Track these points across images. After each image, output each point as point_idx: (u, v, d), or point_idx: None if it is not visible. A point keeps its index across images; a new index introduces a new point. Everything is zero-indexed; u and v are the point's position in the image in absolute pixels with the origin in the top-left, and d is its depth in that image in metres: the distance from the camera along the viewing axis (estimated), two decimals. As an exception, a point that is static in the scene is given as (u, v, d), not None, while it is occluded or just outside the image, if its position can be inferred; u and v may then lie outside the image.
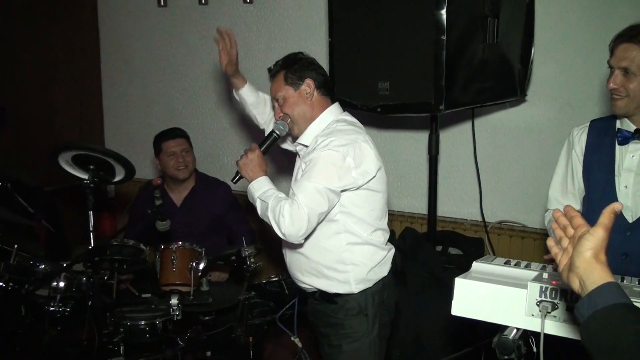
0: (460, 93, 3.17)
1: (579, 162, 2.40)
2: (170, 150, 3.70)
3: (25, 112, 5.09)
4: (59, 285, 2.95)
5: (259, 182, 2.54)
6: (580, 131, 2.42)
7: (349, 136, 2.48)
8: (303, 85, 2.60)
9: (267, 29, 4.70)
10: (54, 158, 2.98)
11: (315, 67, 2.64)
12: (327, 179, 2.39)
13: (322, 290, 2.59)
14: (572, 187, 2.44)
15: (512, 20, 3.37)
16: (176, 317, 2.96)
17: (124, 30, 5.43)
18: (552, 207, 2.51)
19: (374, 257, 2.58)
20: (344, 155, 2.41)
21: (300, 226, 2.36)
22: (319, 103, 2.62)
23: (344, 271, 2.54)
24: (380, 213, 2.61)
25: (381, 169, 2.58)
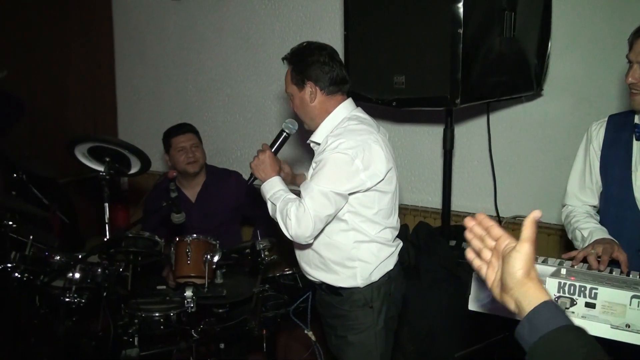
0: (477, 87, 3.15)
1: (597, 157, 2.38)
2: (180, 146, 3.70)
3: (39, 105, 5.12)
4: (75, 276, 2.94)
5: (270, 182, 2.55)
6: (598, 126, 2.40)
7: (359, 137, 2.44)
8: (306, 87, 2.55)
9: (282, 22, 4.69)
10: (71, 150, 2.99)
11: (321, 64, 2.52)
12: (334, 182, 2.38)
13: (327, 283, 2.62)
14: (590, 182, 2.42)
15: (529, 14, 3.35)
16: (190, 309, 2.96)
17: (138, 24, 5.44)
18: (570, 202, 2.50)
19: (380, 254, 2.59)
20: (352, 158, 2.38)
21: (307, 228, 2.36)
22: (325, 103, 2.56)
23: (352, 267, 2.56)
24: (389, 212, 2.61)
25: (391, 169, 2.55)
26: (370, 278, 2.57)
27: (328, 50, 2.58)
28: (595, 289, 1.65)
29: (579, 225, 2.36)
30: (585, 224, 2.34)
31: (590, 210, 2.44)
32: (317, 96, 2.55)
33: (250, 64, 4.90)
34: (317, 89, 2.54)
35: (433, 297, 3.41)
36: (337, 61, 2.58)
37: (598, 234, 2.24)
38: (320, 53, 2.54)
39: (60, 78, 5.29)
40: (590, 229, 2.29)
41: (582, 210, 2.44)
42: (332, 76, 2.54)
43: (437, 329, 3.39)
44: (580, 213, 2.43)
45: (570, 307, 1.67)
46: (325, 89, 2.54)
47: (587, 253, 2.04)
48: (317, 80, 2.53)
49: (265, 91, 4.85)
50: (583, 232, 2.31)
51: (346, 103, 2.61)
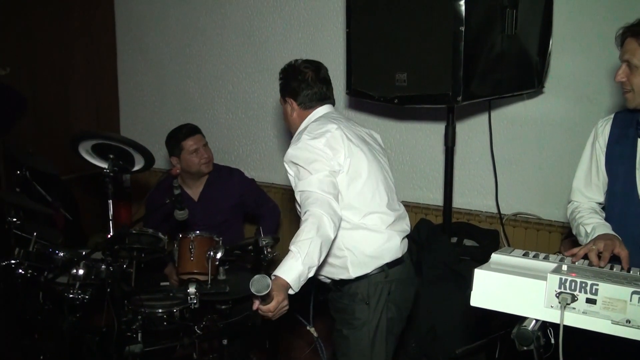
0: (478, 84, 3.16)
1: (602, 153, 2.38)
2: (193, 148, 3.71)
3: (42, 102, 5.14)
4: (79, 272, 2.97)
5: (287, 276, 2.21)
6: (604, 122, 2.40)
7: (322, 127, 2.56)
8: (287, 103, 2.74)
9: (283, 18, 4.70)
10: (75, 146, 3.01)
11: (300, 82, 2.68)
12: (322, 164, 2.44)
13: (330, 277, 2.65)
14: (597, 178, 2.42)
15: (531, 11, 3.36)
16: (194, 305, 2.98)
17: (140, 20, 5.45)
18: (576, 198, 2.50)
19: (368, 242, 2.57)
20: (316, 144, 2.48)
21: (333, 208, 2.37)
22: (303, 115, 2.72)
23: (342, 256, 2.57)
24: (371, 196, 2.59)
25: (356, 149, 2.57)
26: (364, 269, 2.57)
27: (313, 68, 2.72)
28: (596, 285, 1.66)
29: (583, 221, 2.36)
30: (589, 220, 2.34)
31: (595, 207, 2.45)
32: (295, 110, 2.73)
33: (252, 61, 4.91)
34: (295, 104, 2.71)
35: (435, 293, 3.42)
36: (321, 79, 2.71)
37: (601, 229, 2.24)
38: (303, 72, 2.70)
39: (63, 75, 5.31)
40: (594, 224, 2.30)
41: (587, 206, 2.45)
42: (309, 93, 2.69)
43: (438, 325, 3.41)
44: (585, 209, 2.43)
45: (571, 303, 1.68)
46: (302, 104, 2.71)
47: (588, 249, 2.05)
48: (295, 96, 2.71)
49: (268, 88, 4.86)
50: (587, 227, 2.32)
51: (321, 108, 2.73)
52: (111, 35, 5.60)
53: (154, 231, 3.12)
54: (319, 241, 2.25)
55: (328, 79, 2.75)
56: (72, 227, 4.64)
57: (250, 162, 5.00)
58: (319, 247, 2.25)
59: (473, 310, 1.84)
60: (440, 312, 3.41)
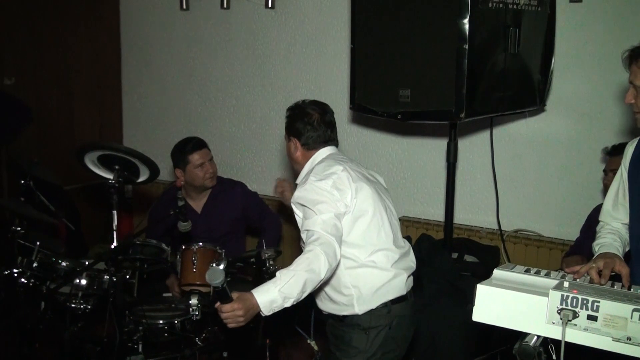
0: (481, 102, 3.19)
1: (627, 173, 2.39)
2: (199, 162, 3.69)
3: (47, 112, 5.16)
4: (81, 282, 2.98)
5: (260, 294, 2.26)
6: (632, 144, 2.39)
7: (329, 169, 2.58)
8: (291, 142, 2.76)
9: (288, 34, 4.73)
10: (81, 157, 3.03)
11: (305, 124, 2.70)
12: (329, 205, 2.46)
13: (334, 314, 2.66)
14: (623, 199, 2.41)
15: (533, 30, 3.39)
16: (195, 317, 2.99)
17: (145, 33, 5.49)
18: (604, 219, 2.47)
19: (375, 279, 2.58)
20: (325, 185, 2.50)
21: (334, 249, 2.38)
22: (306, 155, 2.75)
23: (348, 294, 2.58)
24: (377, 233, 2.60)
25: (362, 189, 2.58)
26: (369, 305, 2.58)
27: (319, 110, 2.74)
28: (597, 302, 1.67)
29: (597, 241, 2.38)
30: (601, 240, 2.36)
31: (619, 228, 2.42)
32: (299, 150, 2.75)
33: (256, 75, 4.95)
34: (298, 143, 2.74)
35: (435, 308, 3.43)
36: (326, 122, 2.73)
37: (604, 249, 2.26)
38: (309, 114, 2.72)
39: (67, 86, 5.33)
40: (602, 244, 2.31)
41: (610, 227, 2.43)
42: (313, 136, 2.72)
43: (438, 340, 3.41)
44: (606, 230, 2.43)
45: (572, 319, 1.69)
46: (305, 145, 2.73)
47: (589, 268, 2.07)
48: (299, 136, 2.72)
49: (271, 102, 4.88)
50: (596, 247, 2.33)
51: (325, 149, 2.75)
52: (116, 47, 5.63)
53: (157, 242, 3.14)
54: (305, 277, 2.28)
55: (333, 122, 2.78)
56: (73, 237, 4.64)
57: (252, 175, 5.02)
58: (302, 282, 2.27)
59: (473, 325, 1.85)
60: (441, 328, 3.41)
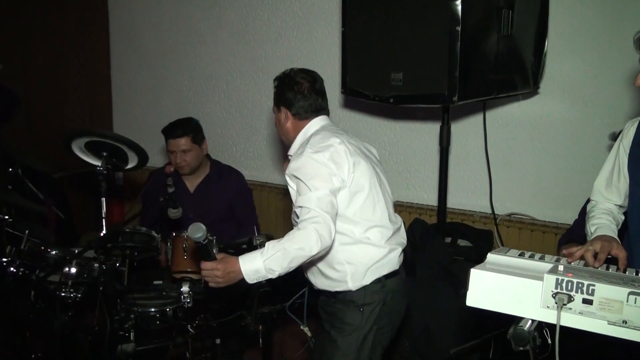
0: (474, 85, 3.16)
1: (626, 155, 2.34)
2: (171, 149, 3.72)
3: (35, 99, 5.11)
4: (71, 271, 2.96)
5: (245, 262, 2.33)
6: (631, 124, 2.35)
7: (326, 141, 2.53)
8: (281, 112, 2.70)
9: (279, 18, 4.69)
10: (68, 144, 2.99)
11: (296, 93, 2.64)
12: (324, 182, 2.42)
13: (327, 290, 2.65)
14: (617, 180, 2.38)
15: (527, 12, 3.36)
16: (187, 304, 2.97)
17: (134, 18, 5.44)
18: (595, 198, 2.45)
19: (369, 256, 2.58)
20: (322, 159, 2.46)
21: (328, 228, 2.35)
22: (297, 125, 2.69)
23: (341, 270, 2.57)
24: (372, 209, 2.59)
25: (359, 164, 2.55)
26: (362, 282, 2.57)
27: (309, 79, 2.68)
28: (592, 286, 1.65)
29: (591, 221, 2.34)
30: (597, 220, 2.32)
31: (612, 208, 2.40)
32: (289, 120, 2.69)
33: (246, 59, 4.90)
34: (289, 113, 2.68)
35: (429, 293, 3.42)
36: (316, 91, 2.68)
37: (602, 230, 2.23)
38: (299, 82, 2.66)
39: (56, 72, 5.28)
40: (598, 225, 2.28)
41: (602, 207, 2.40)
42: (304, 105, 2.66)
43: (432, 325, 3.41)
44: (599, 209, 2.40)
45: (567, 303, 1.67)
46: (296, 115, 2.67)
47: (585, 250, 2.05)
48: (289, 106, 2.67)
49: (262, 87, 4.85)
50: (591, 227, 2.29)
51: (317, 119, 2.70)
52: (105, 33, 5.58)
53: (147, 230, 3.11)
54: (292, 255, 2.30)
55: (323, 90, 2.73)
56: (63, 225, 4.61)
57: (244, 160, 4.99)
58: (289, 259, 2.30)
59: (467, 310, 1.84)
60: (434, 312, 3.41)
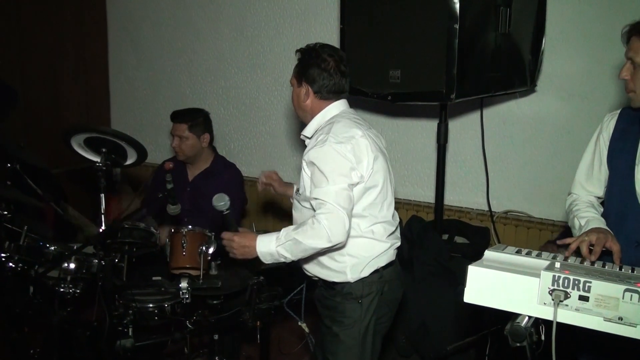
0: (472, 82, 3.18)
1: (606, 147, 2.38)
2: (171, 132, 3.85)
3: (32, 95, 5.10)
4: (70, 266, 2.96)
5: (260, 243, 2.47)
6: (610, 117, 2.40)
7: (348, 131, 2.50)
8: (303, 87, 2.62)
9: (277, 14, 4.69)
10: (67, 140, 2.99)
11: (322, 70, 2.57)
12: (343, 176, 2.41)
13: (322, 278, 2.64)
14: (598, 172, 2.42)
15: (524, 10, 3.38)
16: (185, 300, 2.97)
17: (132, 14, 5.43)
18: (576, 190, 2.49)
19: (371, 250, 2.58)
20: (343, 151, 2.43)
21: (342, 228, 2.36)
22: (317, 104, 2.62)
23: (341, 261, 2.56)
24: (379, 205, 2.59)
25: (378, 162, 2.55)
26: (361, 274, 2.57)
27: (336, 57, 2.61)
28: (588, 282, 1.67)
29: (578, 214, 2.37)
30: (585, 213, 2.35)
31: (593, 201, 2.45)
32: (310, 97, 2.61)
33: (244, 55, 4.91)
34: (311, 91, 2.61)
35: (426, 290, 3.44)
36: (341, 71, 2.60)
37: (594, 223, 2.25)
38: (326, 60, 2.58)
39: (54, 68, 5.27)
40: (588, 217, 2.31)
41: (584, 200, 2.45)
42: (328, 84, 2.59)
43: (429, 321, 3.42)
44: (583, 202, 2.44)
45: (564, 300, 1.69)
46: (318, 93, 2.60)
47: (580, 241, 2.07)
48: (312, 83, 2.59)
49: (260, 83, 4.86)
50: (581, 220, 2.32)
51: (338, 103, 2.64)
52: (103, 29, 5.57)
53: (145, 226, 3.11)
54: (301, 247, 2.39)
55: (348, 71, 2.65)
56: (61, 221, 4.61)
57: (241, 157, 4.99)
58: (298, 250, 2.41)
59: (464, 306, 1.85)
60: (431, 309, 3.43)
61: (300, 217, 2.62)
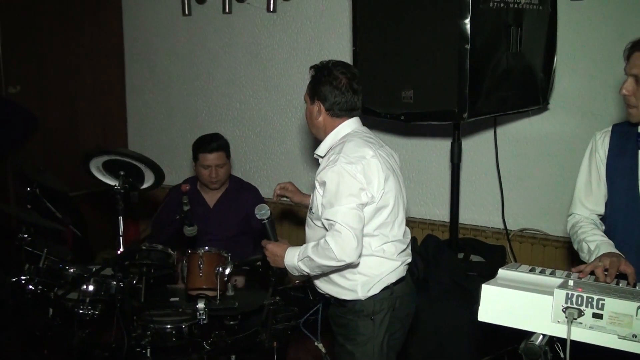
0: (484, 101, 3.20)
1: (603, 165, 2.40)
2: (206, 164, 3.71)
3: (51, 120, 5.18)
4: (89, 288, 2.99)
5: (287, 255, 2.59)
6: (602, 135, 2.42)
7: (359, 151, 2.51)
8: (315, 104, 2.63)
9: (290, 37, 4.75)
10: (86, 163, 3.04)
11: (334, 87, 2.57)
12: (353, 196, 2.43)
13: (334, 297, 2.66)
14: (597, 189, 2.43)
15: (535, 29, 3.40)
16: (202, 321, 3.00)
17: (148, 39, 5.51)
18: (577, 210, 2.51)
19: (381, 268, 2.59)
20: (354, 172, 2.45)
21: (352, 248, 2.39)
22: (329, 122, 2.64)
23: (352, 279, 2.58)
24: (391, 225, 2.61)
25: (389, 183, 2.56)
26: (371, 291, 2.58)
27: (349, 75, 2.60)
28: (602, 300, 1.67)
29: (585, 237, 2.37)
30: (592, 237, 2.36)
31: (596, 220, 2.45)
32: (322, 115, 2.63)
33: (259, 78, 4.96)
34: (323, 108, 2.62)
35: (442, 309, 3.43)
36: (353, 89, 2.60)
37: (605, 247, 2.26)
38: (338, 77, 2.58)
39: (71, 93, 5.35)
40: (597, 242, 2.31)
41: (588, 221, 2.45)
42: (340, 102, 2.59)
43: (446, 340, 3.41)
44: (587, 224, 2.44)
45: (577, 317, 1.69)
46: (330, 111, 2.62)
47: (594, 266, 2.07)
48: (324, 101, 2.60)
49: (274, 105, 4.90)
50: (590, 244, 2.33)
51: (350, 121, 2.65)
52: (119, 53, 5.66)
53: (163, 247, 3.15)
54: (315, 264, 2.49)
55: (360, 89, 2.65)
56: (80, 243, 4.66)
57: (257, 178, 5.03)
58: (314, 266, 2.51)
59: (480, 325, 1.86)
60: (447, 328, 3.41)
61: (312, 235, 2.65)
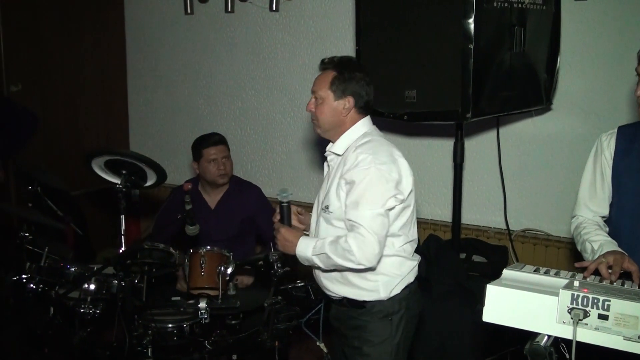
0: (487, 101, 3.19)
1: (609, 167, 2.38)
2: (212, 158, 3.73)
3: (52, 119, 5.17)
4: (90, 287, 2.99)
5: (301, 245, 2.55)
6: (608, 137, 2.41)
7: (388, 152, 2.51)
8: (344, 100, 2.56)
9: (292, 36, 4.74)
10: (88, 162, 3.04)
11: (365, 83, 2.57)
12: (383, 200, 2.41)
13: (349, 298, 2.60)
14: (602, 191, 2.42)
15: (539, 29, 3.39)
16: (204, 320, 2.99)
17: (150, 38, 5.50)
18: (580, 212, 2.50)
19: (402, 268, 2.58)
20: (388, 173, 2.43)
21: (372, 253, 2.38)
22: (352, 119, 2.60)
23: (374, 280, 2.54)
24: (411, 225, 2.62)
25: (413, 180, 2.58)
26: (393, 291, 2.56)
27: (366, 71, 2.63)
28: (608, 301, 1.66)
29: (589, 237, 2.37)
30: (596, 237, 2.35)
31: (600, 222, 2.45)
32: (351, 112, 2.58)
33: (261, 77, 4.95)
34: (353, 104, 2.57)
35: (444, 309, 3.42)
36: (372, 87, 2.63)
37: (608, 246, 2.25)
38: (365, 74, 2.60)
39: (73, 92, 5.35)
40: (601, 241, 2.30)
41: (592, 222, 2.44)
42: (368, 101, 2.61)
43: (448, 341, 3.41)
44: (591, 225, 2.43)
45: (583, 318, 1.68)
46: (358, 107, 2.59)
47: (598, 262, 2.06)
48: (357, 97, 2.56)
49: (277, 104, 4.89)
50: (593, 244, 2.32)
51: (366, 120, 2.64)
52: (121, 52, 5.65)
53: (165, 246, 3.14)
54: (331, 262, 2.46)
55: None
56: (81, 242, 4.65)
57: (259, 177, 5.02)
58: (329, 263, 2.48)
59: (483, 326, 1.85)
60: (450, 328, 3.41)
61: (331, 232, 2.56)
